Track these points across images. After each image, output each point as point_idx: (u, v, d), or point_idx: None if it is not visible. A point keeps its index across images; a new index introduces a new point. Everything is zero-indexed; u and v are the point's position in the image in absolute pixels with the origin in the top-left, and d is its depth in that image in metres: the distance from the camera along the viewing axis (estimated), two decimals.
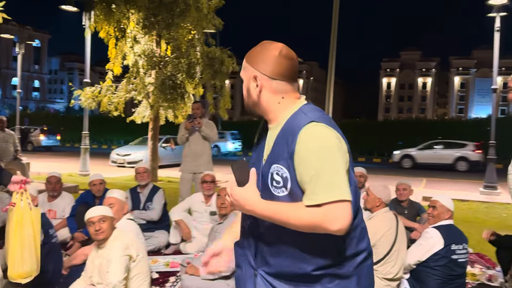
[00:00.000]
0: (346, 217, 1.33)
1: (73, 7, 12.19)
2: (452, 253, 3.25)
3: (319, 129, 1.40)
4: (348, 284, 1.46)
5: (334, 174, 1.35)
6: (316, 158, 1.36)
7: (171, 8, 10.22)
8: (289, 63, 1.51)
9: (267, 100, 1.52)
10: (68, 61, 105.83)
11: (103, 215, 2.96)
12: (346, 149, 1.43)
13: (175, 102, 10.78)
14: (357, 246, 1.49)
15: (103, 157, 18.60)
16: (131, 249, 2.89)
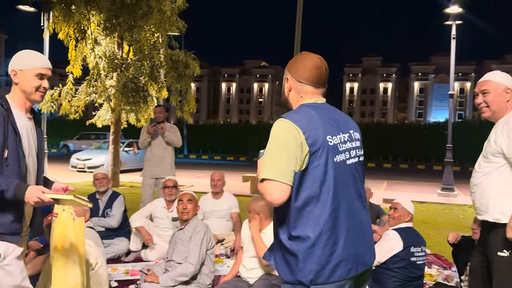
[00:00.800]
0: (276, 193, 1.65)
1: (30, 7, 11.76)
2: (411, 255, 3.31)
3: (279, 123, 1.73)
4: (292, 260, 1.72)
5: (274, 159, 1.68)
6: (268, 144, 1.71)
7: (133, 10, 10.05)
8: (315, 72, 1.87)
9: (291, 98, 1.92)
10: None
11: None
12: (303, 141, 1.68)
13: (138, 106, 10.59)
14: (304, 229, 1.70)
15: (63, 162, 18.01)
16: (89, 258, 2.79)
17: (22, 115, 2.19)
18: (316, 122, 1.73)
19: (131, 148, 17.64)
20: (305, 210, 1.70)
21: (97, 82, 10.29)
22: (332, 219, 1.70)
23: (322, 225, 1.68)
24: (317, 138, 1.70)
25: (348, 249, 1.72)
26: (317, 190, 1.69)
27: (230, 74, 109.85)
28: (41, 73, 2.18)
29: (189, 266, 3.36)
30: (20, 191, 2.01)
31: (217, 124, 41.56)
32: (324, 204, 1.69)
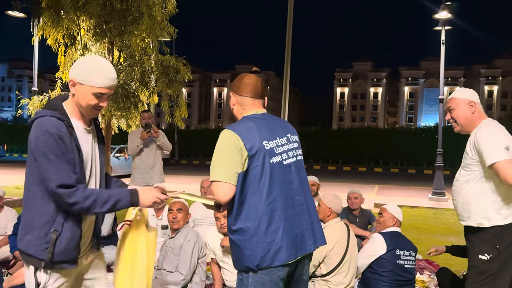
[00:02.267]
0: (221, 192, 1.99)
1: (19, 13, 11.68)
2: (397, 258, 3.36)
3: (223, 134, 2.07)
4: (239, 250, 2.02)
5: (217, 163, 2.02)
6: (214, 152, 2.05)
7: (123, 15, 9.98)
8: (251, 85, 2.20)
9: (236, 112, 2.24)
10: (16, 68, 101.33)
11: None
12: (242, 146, 2.00)
13: (128, 111, 10.49)
14: (245, 221, 2.00)
15: None
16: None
17: (81, 128, 1.99)
18: (253, 130, 2.06)
19: (122, 154, 17.55)
20: (245, 205, 2.00)
21: None
22: (269, 211, 1.99)
23: (260, 217, 1.98)
24: (254, 143, 2.02)
25: (287, 237, 2.01)
26: (256, 187, 2.00)
27: (221, 79, 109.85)
28: (101, 92, 1.93)
29: (179, 275, 3.33)
30: (135, 196, 1.95)
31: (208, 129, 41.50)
32: (261, 199, 2.00)
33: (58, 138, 1.82)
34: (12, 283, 3.48)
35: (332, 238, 3.36)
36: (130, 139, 6.17)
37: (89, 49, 10.35)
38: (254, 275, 1.99)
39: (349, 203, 5.20)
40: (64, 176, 1.83)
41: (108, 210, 1.91)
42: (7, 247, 4.52)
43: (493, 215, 2.55)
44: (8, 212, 4.84)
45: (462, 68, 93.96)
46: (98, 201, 1.87)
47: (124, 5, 9.94)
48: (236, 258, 2.06)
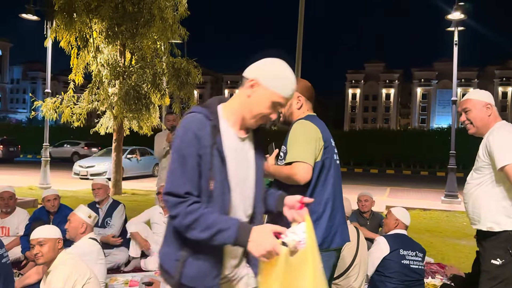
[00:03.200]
0: (305, 173, 2.16)
1: (33, 16, 11.85)
2: (401, 258, 3.35)
3: (300, 122, 2.34)
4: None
5: (301, 146, 2.22)
6: (295, 136, 2.27)
7: (135, 18, 10.09)
8: (312, 91, 2.55)
9: (300, 111, 2.45)
10: (31, 70, 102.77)
11: (42, 237, 2.72)
12: (321, 137, 2.28)
13: (140, 113, 10.60)
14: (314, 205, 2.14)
15: (66, 169, 18.03)
16: (75, 275, 2.68)
17: (233, 134, 1.68)
18: (324, 127, 2.37)
19: (134, 155, 17.65)
20: (316, 190, 2.23)
21: (100, 89, 10.31)
22: (332, 199, 2.26)
23: (326, 203, 2.24)
24: (327, 138, 2.32)
25: (340, 225, 2.30)
26: (324, 176, 2.26)
27: (232, 81, 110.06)
28: (280, 102, 1.66)
29: None
30: (244, 234, 1.50)
31: None
32: (327, 187, 2.26)
33: (193, 137, 1.56)
34: (24, 283, 3.51)
35: None
36: (156, 141, 6.17)
37: (101, 51, 10.47)
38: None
39: (359, 205, 5.15)
40: (176, 181, 1.59)
41: (207, 239, 1.53)
42: (19, 247, 4.57)
43: (503, 220, 2.51)
44: (20, 213, 4.89)
45: (475, 69, 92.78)
46: (199, 223, 1.52)
47: (136, 7, 10.05)
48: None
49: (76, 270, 2.70)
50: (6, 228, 4.71)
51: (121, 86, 10.22)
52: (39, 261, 2.71)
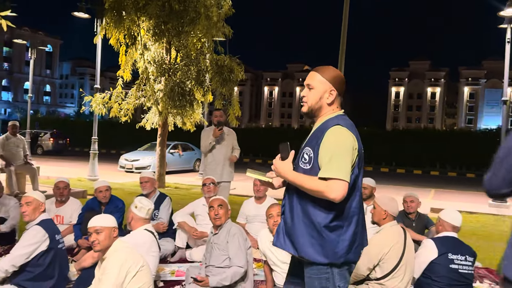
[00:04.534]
0: (341, 191, 1.98)
1: (84, 14, 12.34)
2: (450, 262, 3.28)
3: (340, 130, 2.08)
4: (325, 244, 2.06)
5: (341, 161, 2.01)
6: (333, 148, 2.03)
7: (181, 16, 10.31)
8: (344, 87, 2.24)
9: (330, 108, 2.20)
10: (79, 66, 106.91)
11: (99, 226, 2.87)
12: (357, 147, 2.08)
13: (184, 109, 10.83)
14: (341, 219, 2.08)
15: (112, 162, 18.70)
16: (129, 263, 2.82)
17: None
18: (356, 131, 2.16)
19: (176, 150, 18.05)
20: (345, 205, 2.07)
21: (146, 86, 10.63)
22: (357, 212, 2.13)
23: (352, 216, 2.11)
24: (360, 146, 2.13)
25: (360, 239, 2.17)
26: (352, 189, 2.10)
27: (272, 78, 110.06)
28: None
29: (238, 269, 3.41)
30: None
31: (259, 128, 41.72)
32: (354, 200, 2.12)
33: None
34: (81, 266, 3.72)
35: (387, 242, 3.30)
36: (203, 136, 6.33)
37: (148, 49, 10.78)
38: (337, 269, 2.09)
39: (405, 206, 5.06)
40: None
41: None
42: (72, 235, 4.82)
43: None
44: (73, 202, 5.15)
45: None
46: None
47: (181, 6, 10.26)
48: (320, 253, 2.06)
49: (130, 258, 2.82)
50: (60, 216, 4.98)
51: (167, 82, 10.48)
52: (96, 248, 2.85)
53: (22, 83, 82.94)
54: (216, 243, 3.58)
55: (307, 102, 2.21)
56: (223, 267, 3.48)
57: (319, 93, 2.18)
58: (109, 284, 2.70)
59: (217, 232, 3.64)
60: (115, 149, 29.34)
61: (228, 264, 3.45)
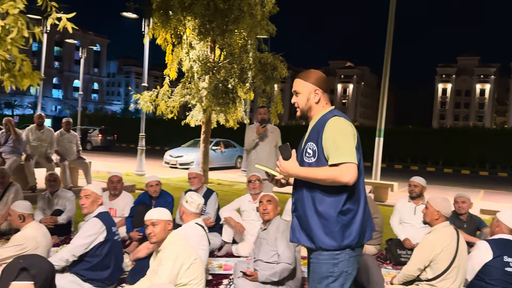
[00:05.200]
0: (353, 173, 2.12)
1: (133, 14, 12.75)
2: (505, 265, 3.17)
3: (339, 120, 2.25)
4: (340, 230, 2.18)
5: (346, 146, 2.16)
6: (336, 136, 2.18)
7: (225, 14, 10.44)
8: (328, 83, 2.45)
9: (319, 105, 2.37)
10: (125, 65, 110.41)
11: (156, 219, 2.98)
12: (356, 134, 2.25)
13: (227, 107, 10.97)
14: (351, 203, 2.20)
15: (157, 158, 19.23)
16: (184, 255, 2.93)
17: None
18: (352, 122, 2.31)
19: (218, 147, 18.33)
20: (352, 188, 2.19)
21: (191, 84, 10.85)
22: (363, 195, 2.27)
23: (359, 199, 2.24)
24: (357, 133, 2.27)
25: (368, 219, 2.31)
26: (359, 173, 2.21)
27: None
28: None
29: (287, 266, 3.45)
30: None
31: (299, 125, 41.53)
32: (360, 183, 2.25)
33: None
34: (136, 256, 3.89)
35: (440, 242, 3.23)
36: (247, 133, 6.41)
37: (193, 48, 11.00)
38: (347, 255, 2.20)
39: (456, 207, 4.92)
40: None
41: None
42: (124, 228, 5.02)
43: None
44: (126, 196, 5.37)
45: None
46: None
47: (226, 4, 10.38)
48: (337, 239, 2.17)
49: (184, 251, 2.93)
50: (113, 209, 5.19)
51: (211, 80, 10.65)
52: (152, 240, 2.98)
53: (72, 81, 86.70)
54: (265, 239, 3.64)
55: (298, 107, 2.40)
56: (271, 262, 3.53)
57: (305, 96, 2.37)
58: (165, 276, 2.81)
59: (266, 227, 3.69)
60: (159, 145, 30.11)
61: (277, 260, 3.50)
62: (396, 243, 4.95)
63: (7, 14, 2.58)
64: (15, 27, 2.55)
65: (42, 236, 3.72)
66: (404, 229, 4.99)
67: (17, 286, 1.54)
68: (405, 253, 4.71)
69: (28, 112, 67.64)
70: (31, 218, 3.78)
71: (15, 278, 1.54)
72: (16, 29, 2.55)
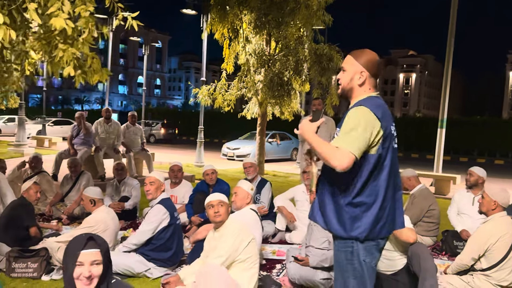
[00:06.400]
0: (345, 162, 2.03)
1: (192, 11, 13.18)
2: None
3: (360, 109, 2.15)
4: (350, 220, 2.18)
5: (353, 136, 2.08)
6: (348, 124, 2.12)
7: (281, 7, 10.51)
8: (380, 68, 2.31)
9: (361, 89, 2.28)
10: (185, 60, 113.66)
11: (222, 200, 3.32)
12: (379, 128, 2.12)
13: (282, 99, 11.07)
14: (366, 196, 2.16)
15: (214, 150, 19.78)
16: (244, 233, 3.15)
17: None
18: (387, 114, 2.20)
19: (274, 139, 18.52)
20: (369, 183, 2.16)
21: (247, 77, 11.07)
22: (384, 190, 2.18)
23: (377, 194, 2.16)
24: (387, 126, 2.17)
25: (390, 215, 2.22)
26: (380, 168, 2.17)
27: None
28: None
29: None
30: None
31: None
32: (381, 179, 2.17)
33: None
34: (196, 238, 4.17)
35: (495, 232, 3.16)
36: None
37: (249, 41, 11.19)
38: (362, 244, 2.19)
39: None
40: None
41: None
42: (184, 214, 5.33)
43: None
44: (186, 184, 5.69)
45: None
46: None
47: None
48: (344, 228, 2.20)
49: (243, 231, 3.17)
50: (174, 196, 5.52)
51: (266, 73, 10.80)
52: (218, 219, 3.27)
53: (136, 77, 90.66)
54: (316, 226, 3.73)
55: (340, 84, 2.33)
56: (322, 248, 3.63)
57: (349, 74, 2.28)
58: (226, 248, 3.07)
59: None
60: (217, 138, 30.85)
61: (328, 247, 3.59)
62: (452, 234, 4.85)
63: (79, 16, 2.87)
64: (86, 28, 2.83)
65: (111, 219, 4.07)
66: (462, 220, 4.88)
67: (87, 253, 1.75)
68: (461, 245, 4.61)
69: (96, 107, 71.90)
70: (101, 202, 4.14)
71: (83, 247, 1.76)
72: (88, 30, 2.83)
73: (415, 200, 4.93)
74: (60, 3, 2.66)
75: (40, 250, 3.86)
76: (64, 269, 1.82)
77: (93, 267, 1.76)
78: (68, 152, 7.95)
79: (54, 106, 64.59)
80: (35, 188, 4.42)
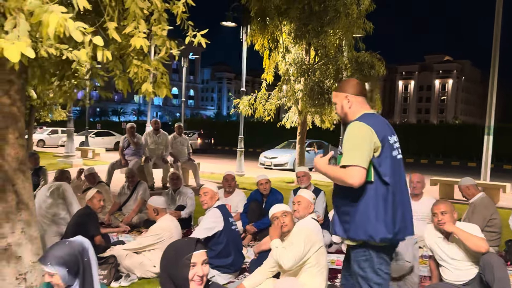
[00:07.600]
0: (358, 176, 2.26)
1: (231, 23, 13.43)
2: None
3: (354, 124, 2.39)
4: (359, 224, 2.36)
5: (356, 149, 2.29)
6: (349, 140, 2.34)
7: (320, 16, 10.56)
8: (360, 86, 2.55)
9: (353, 110, 2.52)
10: (218, 71, 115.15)
11: (285, 210, 3.43)
12: (376, 139, 2.32)
13: (322, 108, 11.08)
14: (370, 203, 2.31)
15: (252, 159, 19.91)
16: (314, 237, 3.21)
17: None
18: (382, 125, 2.41)
19: (312, 148, 18.49)
20: (372, 191, 2.32)
21: (287, 86, 11.15)
22: (391, 195, 2.32)
23: (384, 200, 2.31)
24: (383, 136, 2.34)
25: (402, 221, 2.37)
26: (383, 174, 2.32)
27: (408, 71, 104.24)
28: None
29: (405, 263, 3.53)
30: None
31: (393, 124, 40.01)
32: (386, 187, 2.32)
33: None
34: (260, 248, 4.25)
35: None
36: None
37: (289, 51, 11.30)
38: (375, 253, 2.36)
39: None
40: None
41: None
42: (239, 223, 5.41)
43: None
44: (239, 193, 5.80)
45: None
46: None
47: (321, 6, 10.52)
48: (355, 234, 2.36)
49: (312, 237, 3.22)
50: (228, 205, 5.60)
51: (306, 82, 10.85)
52: (284, 229, 3.37)
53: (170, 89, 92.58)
54: None
55: (339, 114, 2.62)
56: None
57: (339, 104, 2.56)
58: (295, 251, 3.14)
59: None
60: (252, 147, 31.02)
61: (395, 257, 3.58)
62: None
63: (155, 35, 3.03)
64: (163, 46, 2.99)
65: (175, 227, 4.21)
66: None
67: (198, 254, 1.89)
68: None
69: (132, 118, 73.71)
70: (164, 212, 4.29)
71: (194, 249, 1.88)
72: (164, 48, 2.98)
73: (475, 209, 4.84)
74: (136, 22, 2.82)
75: (109, 258, 4.03)
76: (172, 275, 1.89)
77: (204, 266, 1.89)
78: (119, 162, 8.24)
79: (93, 118, 66.73)
80: (99, 197, 4.61)
